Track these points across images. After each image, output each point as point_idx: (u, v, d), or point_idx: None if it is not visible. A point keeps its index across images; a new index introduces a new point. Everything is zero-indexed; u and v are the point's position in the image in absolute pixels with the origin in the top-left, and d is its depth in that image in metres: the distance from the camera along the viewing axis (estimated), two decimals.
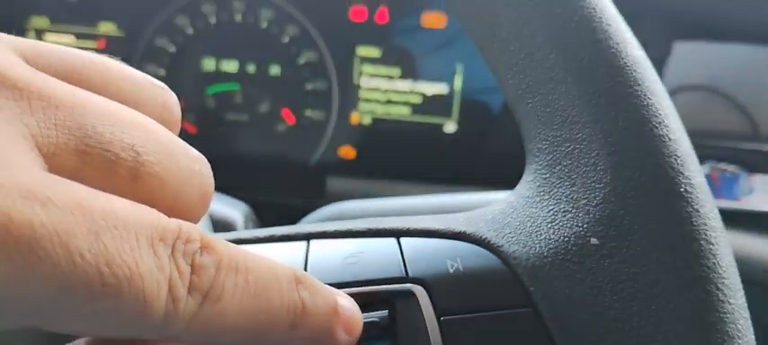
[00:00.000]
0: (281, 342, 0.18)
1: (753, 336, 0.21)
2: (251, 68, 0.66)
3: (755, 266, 0.47)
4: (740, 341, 0.21)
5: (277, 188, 0.65)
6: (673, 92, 0.57)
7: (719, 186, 0.50)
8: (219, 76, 0.66)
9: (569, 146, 0.24)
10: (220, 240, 0.17)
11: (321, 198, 0.64)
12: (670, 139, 0.22)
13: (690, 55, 0.54)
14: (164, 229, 0.15)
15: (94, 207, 0.14)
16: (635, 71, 0.23)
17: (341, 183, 0.65)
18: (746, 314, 0.22)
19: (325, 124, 0.66)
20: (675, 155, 0.22)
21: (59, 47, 0.18)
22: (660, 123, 0.22)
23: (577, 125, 0.23)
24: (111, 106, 0.16)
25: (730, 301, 0.21)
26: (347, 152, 0.67)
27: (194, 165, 0.18)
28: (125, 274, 0.14)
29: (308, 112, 0.67)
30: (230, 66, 0.66)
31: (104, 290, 0.14)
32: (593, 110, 0.23)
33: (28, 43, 0.17)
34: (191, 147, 0.18)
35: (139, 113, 0.17)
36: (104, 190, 0.15)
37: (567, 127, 0.24)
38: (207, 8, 0.65)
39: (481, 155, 0.66)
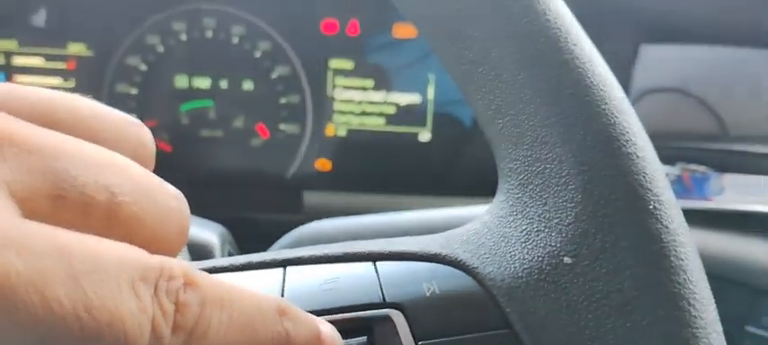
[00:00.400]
0: None
1: None
2: (224, 84, 0.66)
3: (729, 264, 0.48)
4: None
5: (254, 204, 0.64)
6: (642, 95, 0.58)
7: (691, 186, 0.51)
8: (192, 93, 0.66)
9: (540, 166, 0.24)
10: (203, 274, 0.17)
11: (298, 213, 0.64)
12: (638, 157, 0.23)
13: (657, 57, 0.55)
14: (145, 268, 0.15)
15: (73, 250, 0.14)
16: (602, 90, 0.23)
17: (317, 197, 0.65)
18: (719, 327, 0.22)
19: (300, 137, 0.66)
20: (644, 173, 0.22)
21: (30, 89, 0.18)
22: (628, 141, 0.23)
23: (547, 145, 0.24)
24: (84, 147, 0.16)
25: (702, 316, 0.21)
26: (323, 164, 0.67)
27: (171, 202, 0.18)
28: (105, 318, 0.14)
29: (283, 126, 0.66)
30: (203, 82, 0.66)
31: (84, 335, 0.14)
32: (561, 130, 0.23)
33: (2, 88, 0.17)
34: (167, 183, 0.18)
35: (114, 153, 0.17)
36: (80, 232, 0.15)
37: (538, 147, 0.24)
38: (178, 26, 0.64)
39: (456, 163, 0.66)
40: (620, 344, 0.21)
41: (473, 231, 0.26)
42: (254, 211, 0.63)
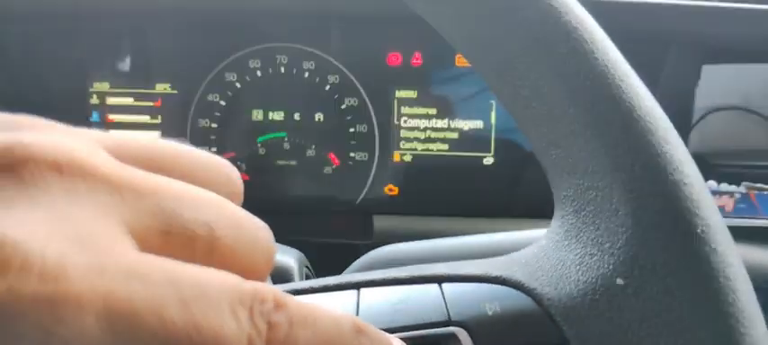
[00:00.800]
0: None
1: None
2: (296, 116, 0.70)
3: None
4: None
5: (327, 230, 0.68)
6: (705, 114, 0.58)
7: (758, 205, 0.51)
8: (267, 126, 0.70)
9: (592, 194, 0.26)
10: (289, 296, 0.19)
11: (369, 237, 0.66)
12: (685, 184, 0.24)
13: (719, 77, 0.55)
14: (242, 293, 0.17)
15: (183, 279, 0.16)
16: (649, 122, 0.25)
17: (386, 222, 0.68)
18: (767, 342, 0.23)
19: (368, 164, 0.69)
20: (691, 199, 0.24)
21: (135, 139, 0.20)
22: (675, 169, 0.24)
23: (598, 174, 0.25)
24: (185, 188, 0.19)
25: (751, 332, 0.23)
26: (391, 189, 0.70)
27: (259, 233, 0.20)
28: (210, 337, 0.16)
29: (352, 154, 0.70)
30: (277, 115, 0.70)
31: None
32: (611, 160, 0.25)
33: (108, 137, 0.19)
34: (254, 217, 0.20)
35: (209, 192, 0.20)
36: (185, 261, 0.17)
37: (589, 176, 0.26)
38: (253, 63, 0.69)
39: (518, 187, 0.67)
40: None
41: (532, 254, 0.28)
42: (328, 236, 0.66)
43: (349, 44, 0.68)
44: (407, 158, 0.69)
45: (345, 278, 0.31)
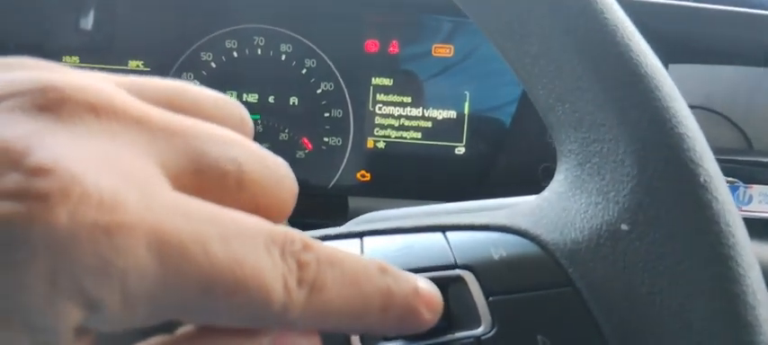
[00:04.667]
0: (375, 324, 0.20)
1: None
2: (271, 99, 0.69)
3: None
4: (759, 309, 0.24)
5: (301, 210, 0.67)
6: None
7: None
8: None
9: (597, 146, 0.27)
10: (315, 239, 0.20)
11: (344, 218, 0.66)
12: (689, 137, 0.25)
13: (685, 76, 0.58)
14: (274, 234, 0.18)
15: (221, 218, 0.17)
16: (654, 78, 0.26)
17: (361, 202, 0.68)
18: (763, 286, 0.24)
19: (342, 149, 0.70)
20: (694, 151, 0.25)
21: (151, 79, 0.20)
22: (679, 123, 0.25)
23: (604, 127, 0.26)
24: (210, 128, 0.19)
25: (749, 274, 0.24)
26: (363, 175, 0.70)
27: (282, 169, 0.20)
28: (250, 272, 0.16)
29: (326, 139, 0.70)
30: (251, 97, 0.69)
31: (237, 286, 0.16)
32: (618, 114, 0.26)
33: (126, 80, 0.19)
34: (274, 154, 0.20)
35: (229, 130, 0.20)
36: (217, 200, 0.17)
37: (595, 129, 0.27)
38: (229, 43, 0.68)
39: (489, 177, 0.69)
40: (675, 298, 0.24)
41: (535, 205, 0.29)
42: (302, 216, 0.66)
43: (327, 29, 0.68)
44: (381, 145, 0.70)
45: (346, 228, 0.31)
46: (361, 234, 0.30)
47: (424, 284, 0.22)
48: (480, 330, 0.25)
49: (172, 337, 0.17)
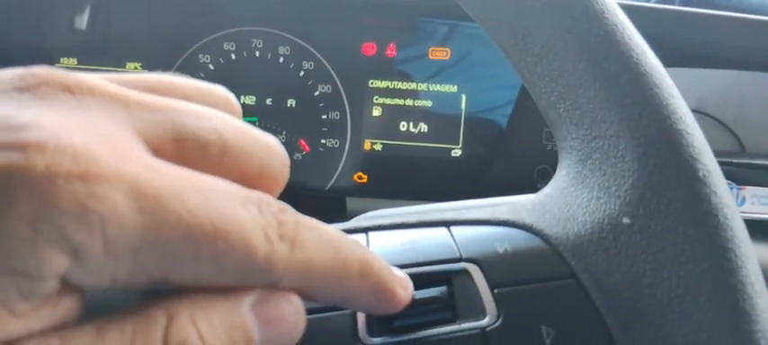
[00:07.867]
0: (354, 290, 0.21)
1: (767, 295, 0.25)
2: (269, 101, 0.70)
3: None
4: (757, 299, 0.24)
5: (299, 210, 0.67)
6: None
7: None
8: None
9: (599, 142, 0.27)
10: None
11: (342, 219, 0.67)
12: (688, 133, 0.26)
13: (677, 80, 0.59)
14: (249, 194, 0.18)
15: (197, 177, 0.17)
16: (654, 76, 0.27)
17: (359, 203, 0.69)
18: (761, 277, 0.25)
19: (339, 151, 0.70)
20: (693, 147, 0.25)
21: (138, 74, 0.21)
22: (679, 119, 0.26)
23: (605, 123, 0.27)
24: (190, 105, 0.19)
25: (747, 266, 0.24)
26: (360, 176, 0.71)
27: (268, 140, 0.21)
28: (231, 222, 0.17)
29: (323, 141, 0.70)
30: (249, 99, 0.70)
31: (217, 233, 0.17)
32: (619, 110, 0.26)
33: (111, 75, 0.20)
34: (262, 130, 0.21)
35: (212, 109, 0.20)
36: (200, 169, 0.18)
37: (596, 126, 0.27)
38: (227, 46, 0.69)
39: (485, 180, 0.69)
40: (676, 289, 0.24)
41: (538, 201, 0.29)
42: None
43: (325, 32, 0.69)
44: (378, 147, 0.70)
45: (352, 223, 0.31)
46: (366, 229, 0.30)
47: (396, 269, 0.23)
48: (486, 321, 0.25)
49: (159, 297, 0.18)
